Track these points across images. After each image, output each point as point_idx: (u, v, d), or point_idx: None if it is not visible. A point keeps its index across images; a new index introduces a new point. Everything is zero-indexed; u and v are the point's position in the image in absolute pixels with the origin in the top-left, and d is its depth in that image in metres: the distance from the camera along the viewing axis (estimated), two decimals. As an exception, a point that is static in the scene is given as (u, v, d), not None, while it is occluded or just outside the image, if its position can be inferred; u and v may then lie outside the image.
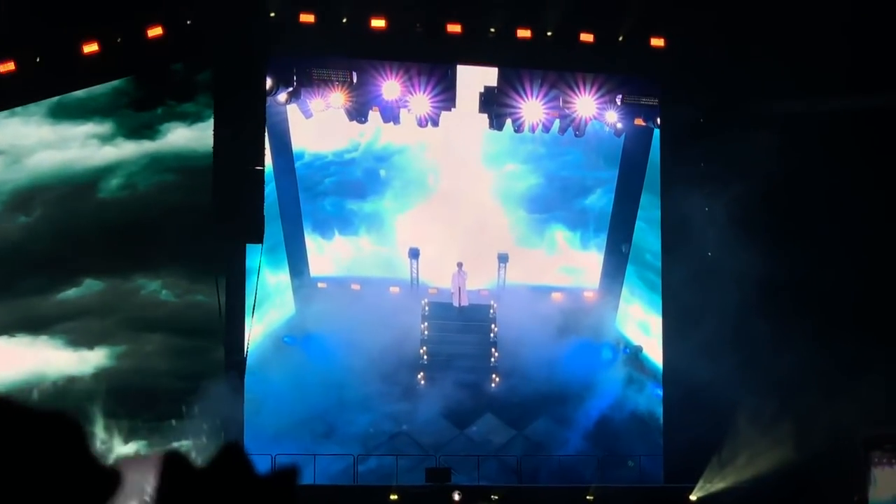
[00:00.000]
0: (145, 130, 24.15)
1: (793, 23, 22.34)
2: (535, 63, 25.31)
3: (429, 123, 26.25)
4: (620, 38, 24.79)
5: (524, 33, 24.40)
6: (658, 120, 26.26)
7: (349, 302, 26.24)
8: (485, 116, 26.56)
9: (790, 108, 23.44)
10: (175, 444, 22.72)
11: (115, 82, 23.36)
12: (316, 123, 26.37)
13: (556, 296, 27.44)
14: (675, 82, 24.79)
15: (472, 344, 27.11)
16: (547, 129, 26.75)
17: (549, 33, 24.44)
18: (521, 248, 27.48)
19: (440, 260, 26.98)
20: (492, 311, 27.28)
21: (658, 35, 24.55)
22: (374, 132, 26.99)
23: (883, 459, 10.63)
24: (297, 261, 26.42)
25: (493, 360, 26.98)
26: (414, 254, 26.91)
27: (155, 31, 21.85)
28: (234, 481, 1.81)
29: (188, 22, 22.27)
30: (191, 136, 23.96)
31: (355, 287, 26.79)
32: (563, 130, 26.81)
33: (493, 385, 26.85)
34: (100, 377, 23.24)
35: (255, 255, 23.41)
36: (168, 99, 24.05)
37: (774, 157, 21.80)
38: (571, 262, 27.74)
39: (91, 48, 21.82)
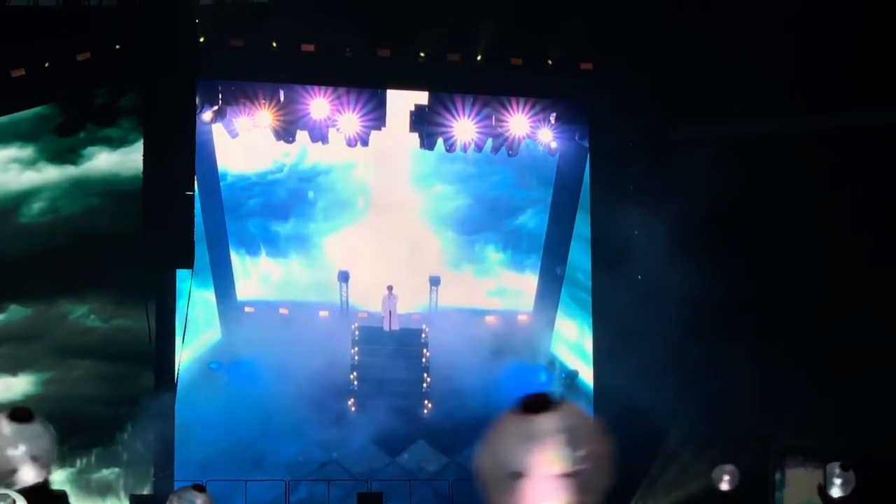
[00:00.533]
0: (68, 155, 25.79)
1: (726, 46, 24.45)
2: (465, 88, 27.41)
3: (358, 143, 28.05)
4: (550, 62, 26.97)
5: (454, 57, 26.55)
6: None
7: (277, 326, 27.74)
8: (416, 136, 28.50)
9: (722, 131, 25.63)
10: (105, 472, 24.80)
11: (37, 107, 25.15)
12: (239, 144, 27.98)
13: (490, 319, 29.12)
14: (605, 105, 26.98)
15: (403, 369, 28.69)
16: (479, 148, 28.63)
17: (478, 57, 26.61)
18: (452, 270, 29.19)
19: (371, 283, 28.60)
20: (423, 335, 28.99)
21: (587, 59, 26.78)
22: (300, 152, 28.60)
23: (796, 463, 12.58)
24: (223, 284, 27.89)
25: (425, 385, 28.62)
26: (343, 277, 28.50)
27: (83, 56, 23.80)
28: None
29: (117, 46, 24.21)
30: (115, 161, 25.63)
31: (283, 311, 28.20)
32: (495, 150, 28.71)
33: (425, 411, 28.49)
34: (27, 404, 24.34)
35: (184, 280, 25.14)
36: (89, 123, 25.76)
37: (707, 179, 23.67)
38: (504, 285, 29.50)
39: (18, 72, 23.66)
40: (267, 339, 27.44)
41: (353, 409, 28.21)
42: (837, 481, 12.83)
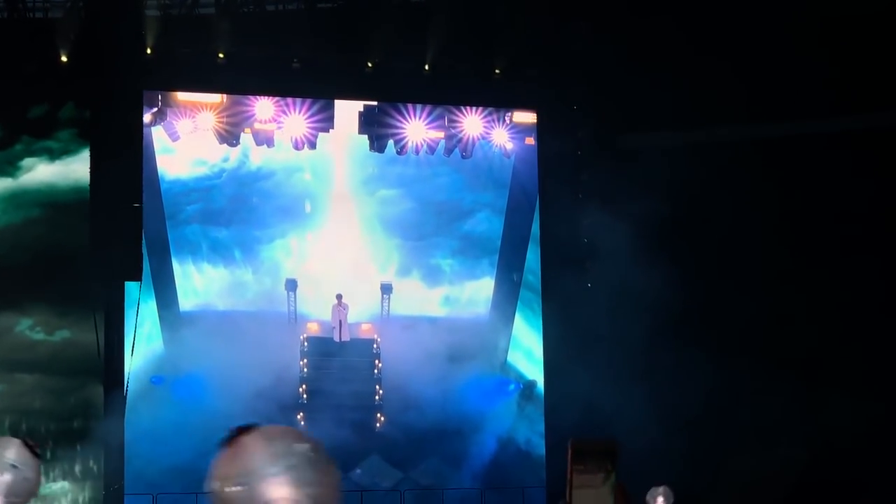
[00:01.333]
0: (6, 167, 27.69)
1: (675, 53, 26.35)
2: (413, 97, 29.30)
3: (305, 146, 29.81)
4: (497, 71, 29.11)
5: (402, 68, 28.63)
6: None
7: (222, 338, 28.95)
8: (365, 138, 30.30)
9: (672, 139, 27.71)
10: (54, 486, 26.61)
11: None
12: (177, 147, 29.58)
13: (444, 327, 30.64)
14: (553, 114, 29.23)
15: (354, 381, 30.19)
16: (432, 149, 30.46)
17: (426, 67, 28.68)
18: (403, 277, 30.76)
19: (319, 291, 30.10)
20: (375, 345, 30.43)
21: (534, 67, 28.90)
22: (240, 156, 30.07)
23: (589, 467, 13.73)
24: (164, 293, 29.13)
25: (377, 398, 30.13)
26: (291, 285, 29.87)
27: (29, 68, 25.92)
28: None
29: (63, 59, 25.92)
30: (55, 172, 27.52)
31: (229, 322, 29.51)
32: (448, 151, 30.56)
33: (378, 424, 30.01)
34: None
35: (131, 292, 26.92)
36: (26, 135, 27.64)
37: (658, 186, 25.76)
38: (458, 291, 31.15)
39: None
40: (211, 351, 28.69)
41: (302, 423, 29.46)
42: (660, 500, 14.58)
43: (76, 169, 26.80)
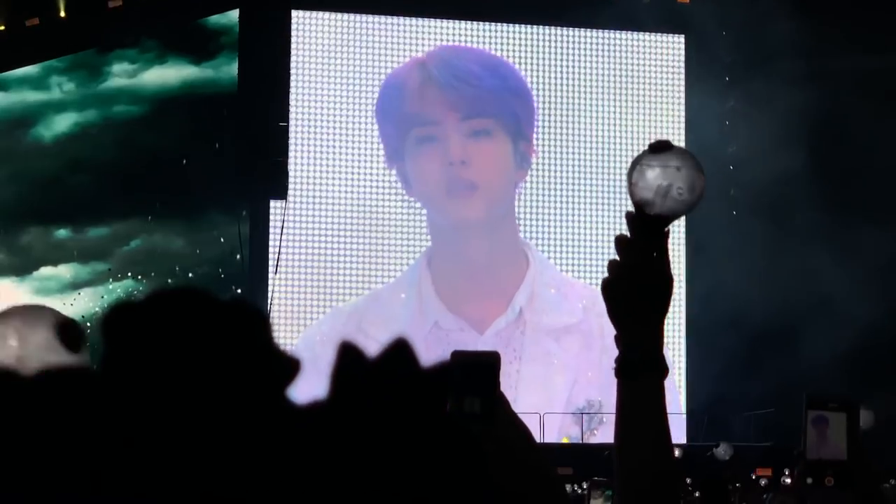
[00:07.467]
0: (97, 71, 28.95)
1: None
2: (556, 19, 28.56)
3: None
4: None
5: None
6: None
7: None
8: None
9: (821, 67, 27.38)
10: None
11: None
12: None
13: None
14: (700, 40, 28.91)
15: None
16: None
17: None
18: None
19: None
20: None
21: None
22: None
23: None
24: None
25: None
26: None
27: None
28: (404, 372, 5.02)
29: None
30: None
31: None
32: None
33: None
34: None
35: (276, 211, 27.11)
36: (171, 51, 29.09)
37: (807, 113, 25.97)
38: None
39: (116, 3, 26.47)
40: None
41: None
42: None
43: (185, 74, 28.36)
